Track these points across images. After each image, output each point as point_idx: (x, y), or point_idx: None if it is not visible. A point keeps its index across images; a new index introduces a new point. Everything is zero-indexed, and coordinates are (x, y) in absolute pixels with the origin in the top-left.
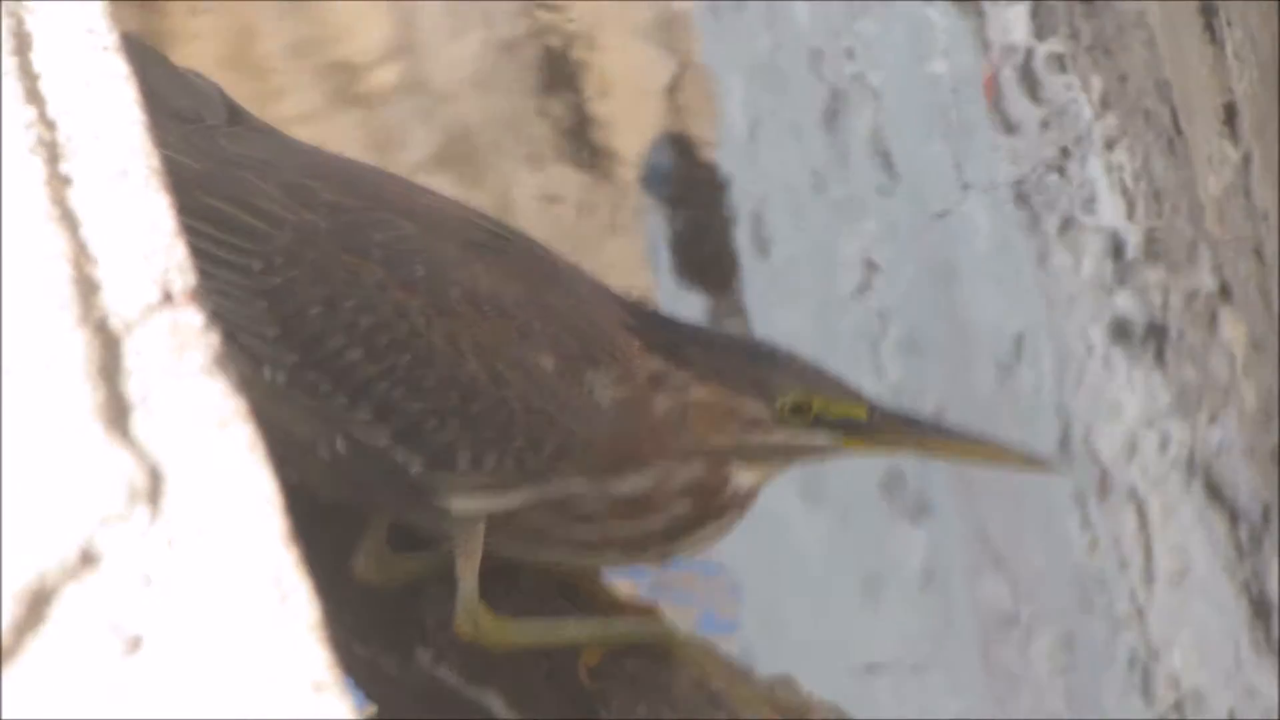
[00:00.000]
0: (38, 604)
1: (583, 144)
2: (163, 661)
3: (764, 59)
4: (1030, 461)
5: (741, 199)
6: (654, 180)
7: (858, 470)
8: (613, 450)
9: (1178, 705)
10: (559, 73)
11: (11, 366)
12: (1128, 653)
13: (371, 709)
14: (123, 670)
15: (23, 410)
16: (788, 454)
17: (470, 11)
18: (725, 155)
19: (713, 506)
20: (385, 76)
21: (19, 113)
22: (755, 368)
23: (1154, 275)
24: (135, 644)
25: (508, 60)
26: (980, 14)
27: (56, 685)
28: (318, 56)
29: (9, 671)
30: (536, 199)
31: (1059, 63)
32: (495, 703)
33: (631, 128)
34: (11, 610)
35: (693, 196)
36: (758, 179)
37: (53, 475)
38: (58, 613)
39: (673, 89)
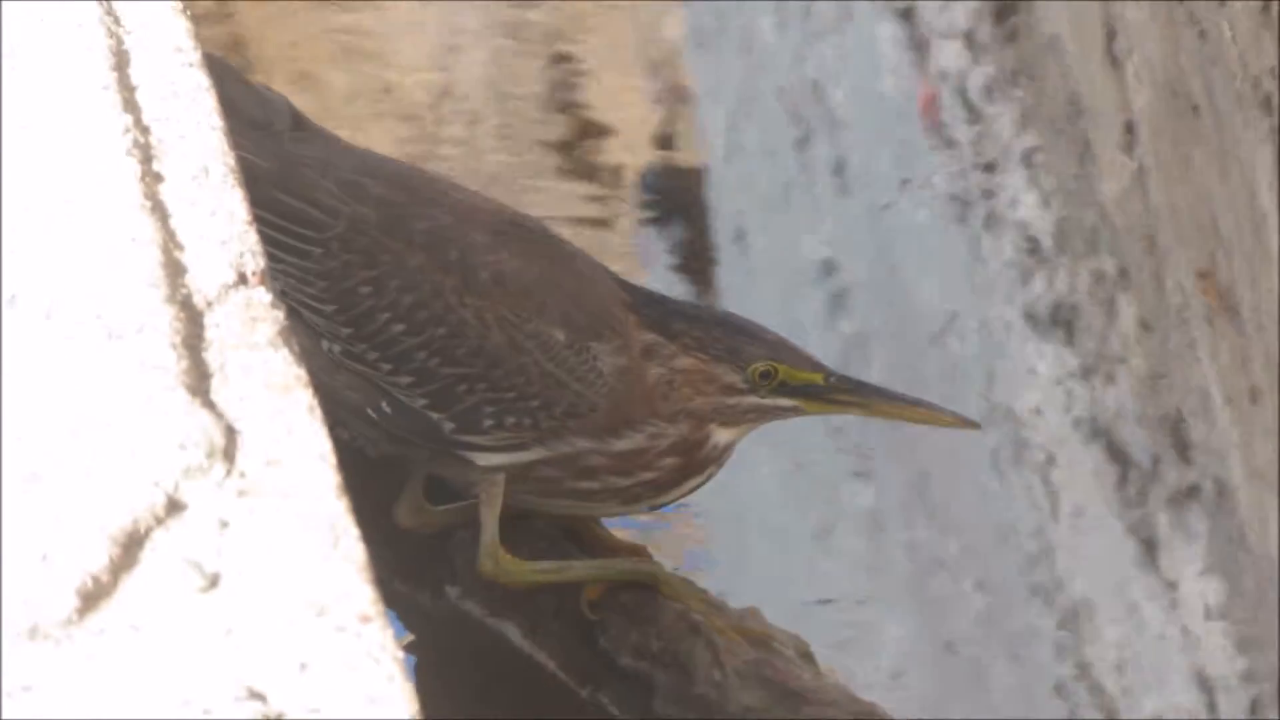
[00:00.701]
0: (132, 546)
1: (589, 158)
2: (236, 597)
3: (740, 86)
4: (959, 421)
5: (721, 203)
6: (648, 188)
7: (813, 431)
8: (613, 412)
9: (1075, 629)
10: (570, 101)
11: (111, 339)
12: (1036, 584)
13: (409, 637)
14: (203, 603)
15: (120, 376)
16: (758, 414)
17: (499, 55)
18: (707, 164)
19: (695, 461)
20: (423, 98)
21: (118, 120)
22: (731, 340)
23: (1064, 263)
24: (213, 581)
25: (526, 89)
26: (921, 42)
27: (148, 616)
28: (369, 79)
29: (108, 607)
30: (552, 199)
31: (987, 84)
32: (513, 632)
33: (630, 145)
34: (110, 552)
35: (680, 201)
36: (736, 187)
37: (144, 433)
38: (148, 553)
39: (664, 113)
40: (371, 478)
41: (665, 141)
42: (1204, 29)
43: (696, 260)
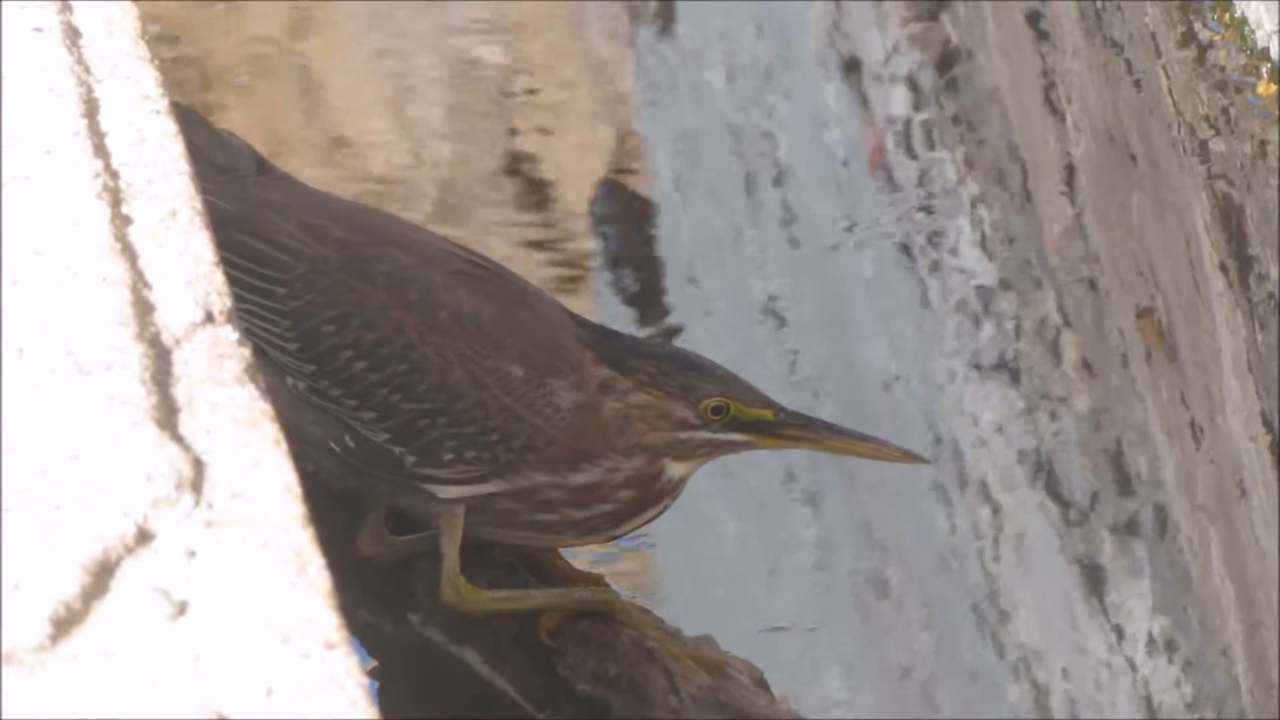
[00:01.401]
0: (103, 575)
1: (544, 201)
2: (204, 624)
3: (691, 133)
4: (908, 456)
5: (673, 246)
6: (601, 230)
7: (765, 466)
8: (570, 446)
9: (1021, 658)
10: (527, 148)
11: (81, 375)
12: (980, 616)
13: (372, 663)
14: (172, 630)
15: (91, 411)
16: (710, 449)
17: (453, 100)
18: (659, 208)
19: (650, 494)
20: (381, 151)
21: (88, 165)
22: (684, 376)
23: (1007, 306)
24: (182, 608)
25: (483, 135)
26: (865, 92)
27: (119, 643)
28: (327, 128)
29: (80, 634)
30: (508, 242)
31: (930, 132)
32: (473, 658)
33: (584, 189)
34: (81, 580)
35: (633, 241)
36: (687, 229)
37: (115, 465)
38: (118, 582)
39: (617, 159)
40: (335, 509)
41: (618, 185)
42: (1141, 79)
43: (650, 299)
